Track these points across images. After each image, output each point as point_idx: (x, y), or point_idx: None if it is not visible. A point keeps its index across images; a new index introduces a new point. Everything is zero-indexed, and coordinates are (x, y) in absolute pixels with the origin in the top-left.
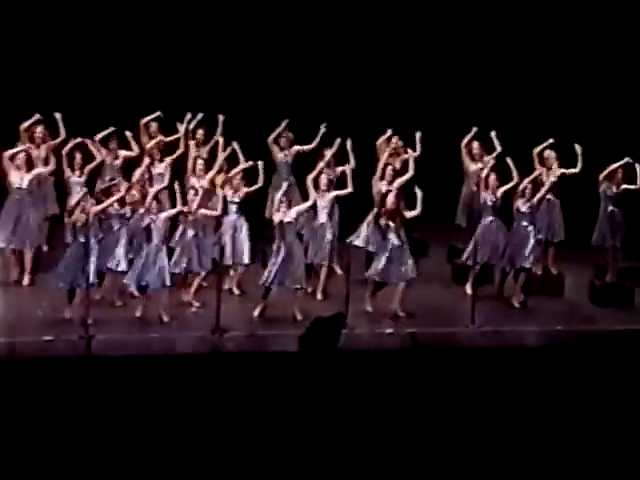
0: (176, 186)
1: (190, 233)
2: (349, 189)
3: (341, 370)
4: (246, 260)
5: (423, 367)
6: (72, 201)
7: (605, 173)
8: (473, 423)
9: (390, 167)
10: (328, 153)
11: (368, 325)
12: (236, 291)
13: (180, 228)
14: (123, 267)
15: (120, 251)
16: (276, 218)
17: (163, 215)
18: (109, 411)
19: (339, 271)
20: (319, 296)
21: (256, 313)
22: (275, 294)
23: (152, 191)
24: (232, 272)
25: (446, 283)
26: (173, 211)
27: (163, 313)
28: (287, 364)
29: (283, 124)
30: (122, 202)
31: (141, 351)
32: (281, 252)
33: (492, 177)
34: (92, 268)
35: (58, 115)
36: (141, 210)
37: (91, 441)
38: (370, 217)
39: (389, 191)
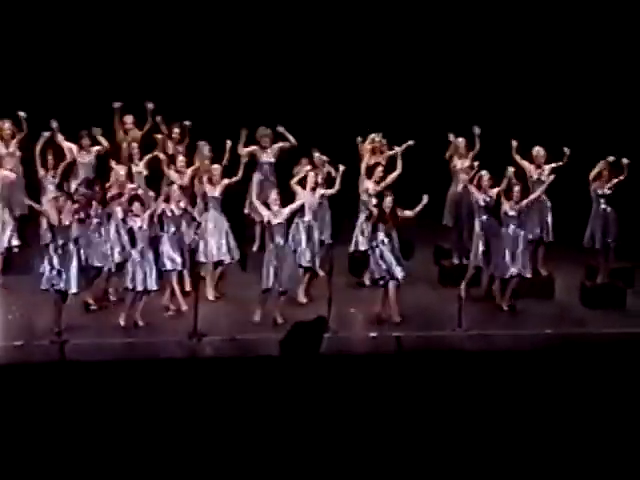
0: (166, 187)
1: (171, 230)
2: (336, 187)
3: (323, 375)
4: (234, 257)
5: (408, 372)
6: (46, 201)
7: (594, 173)
8: (460, 429)
9: (380, 167)
10: (316, 154)
11: (351, 329)
12: (214, 294)
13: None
14: (110, 266)
15: (105, 250)
16: (265, 219)
17: (147, 215)
18: (82, 419)
19: (321, 273)
20: (301, 299)
21: (257, 318)
22: (256, 297)
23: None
24: (210, 274)
25: (433, 285)
26: (157, 210)
27: (138, 317)
28: (267, 369)
29: (243, 134)
30: (104, 202)
31: (116, 356)
32: (272, 255)
33: (485, 177)
34: (74, 272)
35: (22, 114)
36: (118, 210)
37: (64, 450)
38: (361, 220)
39: (385, 193)
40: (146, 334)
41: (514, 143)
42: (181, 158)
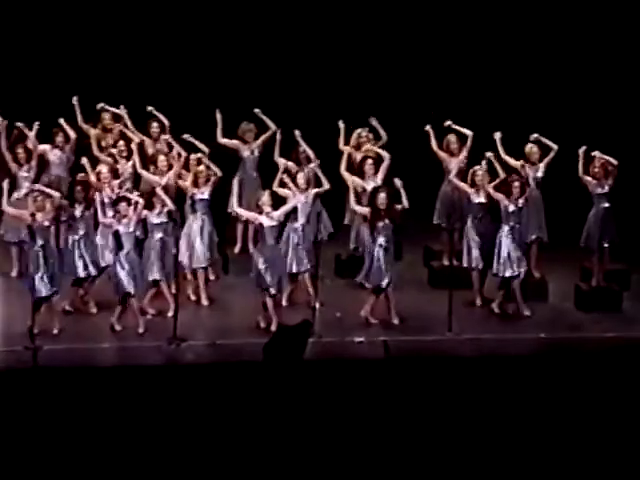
0: (158, 190)
1: (156, 237)
2: (326, 185)
3: (308, 381)
4: (214, 258)
5: (397, 378)
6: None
7: (581, 167)
8: (451, 437)
9: (369, 161)
10: (302, 148)
11: (337, 333)
12: (198, 298)
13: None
14: (95, 271)
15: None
16: (257, 221)
17: (134, 218)
18: (55, 428)
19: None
20: (284, 302)
21: (273, 327)
22: (238, 300)
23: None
24: (201, 279)
25: (422, 287)
26: (144, 212)
27: (115, 322)
28: (250, 375)
29: (219, 118)
30: (87, 203)
31: (91, 363)
32: (263, 257)
33: (479, 172)
34: (56, 274)
35: None
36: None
37: (38, 459)
38: (357, 220)
39: (379, 189)
40: (123, 339)
41: (497, 135)
42: (162, 158)
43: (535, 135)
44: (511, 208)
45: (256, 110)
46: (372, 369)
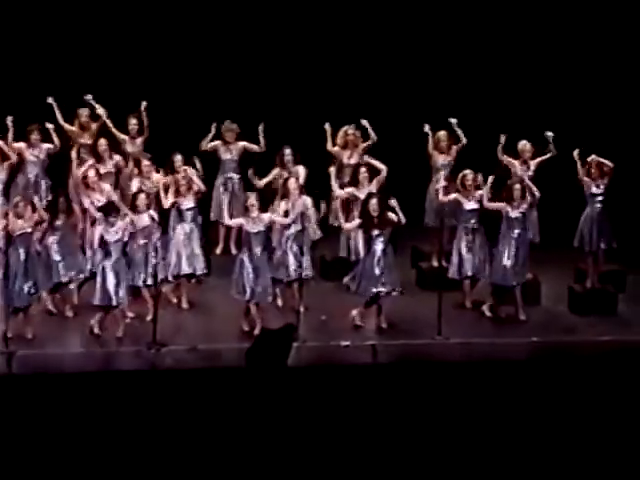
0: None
1: (141, 243)
2: (323, 211)
3: (292, 388)
4: (200, 271)
5: (384, 383)
6: None
7: (579, 169)
8: (441, 445)
9: (363, 169)
10: (287, 150)
11: (323, 337)
12: (179, 301)
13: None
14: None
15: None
16: (244, 227)
17: (122, 225)
18: (29, 435)
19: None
20: (279, 302)
21: (257, 331)
22: (220, 303)
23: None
24: (184, 284)
25: (411, 290)
26: (129, 219)
27: (94, 325)
28: (232, 381)
29: (212, 129)
30: (69, 214)
31: (67, 368)
32: (248, 265)
33: (469, 176)
34: (39, 282)
35: None
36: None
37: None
38: (350, 227)
39: (370, 196)
40: (101, 344)
41: (502, 138)
42: (146, 163)
43: (550, 133)
44: (514, 214)
45: (260, 128)
46: (359, 374)
